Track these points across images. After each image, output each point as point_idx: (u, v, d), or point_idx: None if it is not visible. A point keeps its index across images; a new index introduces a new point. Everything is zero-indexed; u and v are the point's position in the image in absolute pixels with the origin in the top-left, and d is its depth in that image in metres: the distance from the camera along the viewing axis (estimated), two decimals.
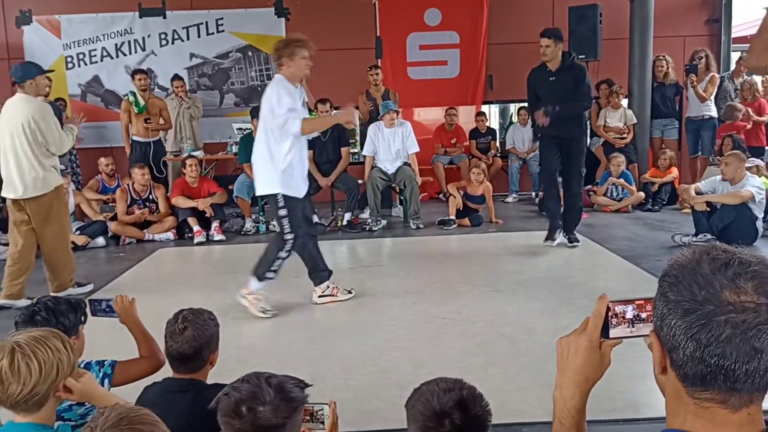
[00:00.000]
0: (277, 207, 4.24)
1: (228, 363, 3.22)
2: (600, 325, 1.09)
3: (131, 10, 8.97)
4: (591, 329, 1.10)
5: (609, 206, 7.66)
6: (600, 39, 8.36)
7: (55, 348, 1.60)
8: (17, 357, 1.53)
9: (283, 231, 4.27)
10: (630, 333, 1.08)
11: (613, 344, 1.11)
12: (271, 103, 4.14)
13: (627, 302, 1.08)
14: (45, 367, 1.55)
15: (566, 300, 4.37)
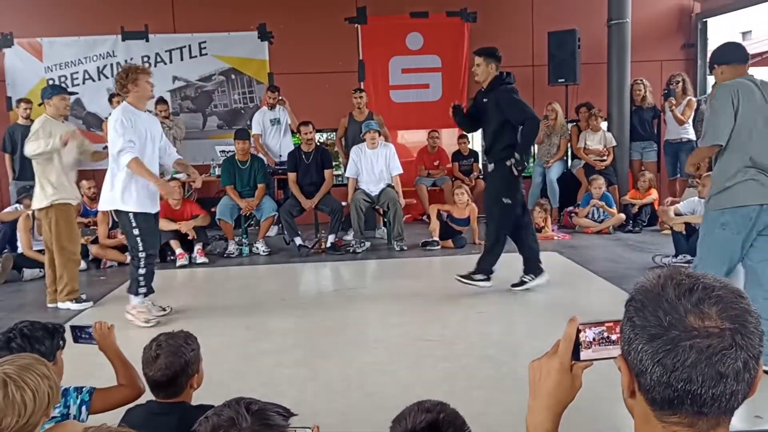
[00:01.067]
0: (129, 225, 4.56)
1: (210, 387, 3.19)
2: (570, 347, 1.10)
3: (114, 33, 8.98)
4: (562, 352, 1.12)
5: (590, 228, 7.74)
6: (579, 63, 8.54)
7: (43, 374, 1.57)
8: (11, 389, 1.50)
9: (137, 248, 4.58)
10: (600, 355, 1.09)
11: (584, 366, 1.12)
12: (115, 128, 4.44)
13: (597, 324, 1.09)
14: (39, 395, 1.53)
15: (549, 321, 4.38)
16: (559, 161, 8.57)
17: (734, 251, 3.39)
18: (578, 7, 9.14)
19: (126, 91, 4.55)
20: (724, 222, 3.38)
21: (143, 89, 4.57)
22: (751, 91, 3.38)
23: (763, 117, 3.34)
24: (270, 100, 8.19)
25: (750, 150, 3.32)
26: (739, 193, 3.33)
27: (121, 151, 4.41)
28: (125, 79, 4.52)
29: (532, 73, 9.39)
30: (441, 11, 9.37)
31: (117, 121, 4.44)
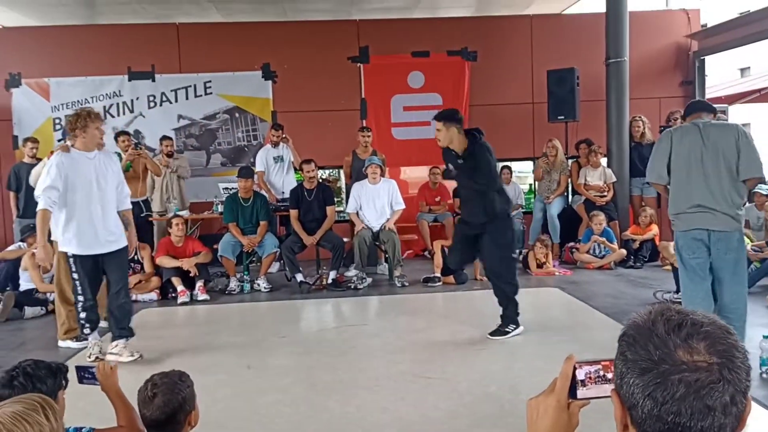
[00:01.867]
0: (69, 268, 4.60)
1: (208, 427, 3.18)
2: (567, 385, 1.12)
3: (121, 74, 9.15)
4: (559, 390, 1.13)
5: (592, 263, 7.74)
6: (578, 100, 8.65)
7: (36, 422, 1.54)
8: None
9: (75, 291, 4.63)
10: (597, 393, 1.10)
11: (581, 404, 1.13)
12: (48, 171, 4.48)
13: (593, 363, 1.11)
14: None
15: (551, 357, 4.34)
16: (559, 197, 8.61)
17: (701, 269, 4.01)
18: (577, 45, 9.30)
19: (74, 134, 4.57)
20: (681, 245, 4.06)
21: (91, 136, 4.57)
22: (687, 133, 3.99)
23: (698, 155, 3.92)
24: (273, 138, 8.30)
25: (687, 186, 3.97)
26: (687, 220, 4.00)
27: (38, 197, 4.45)
28: (74, 124, 4.53)
29: (532, 110, 9.52)
30: (442, 50, 9.54)
31: (51, 165, 4.50)
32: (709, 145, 3.90)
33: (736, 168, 3.88)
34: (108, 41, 9.19)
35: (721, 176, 3.89)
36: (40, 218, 4.42)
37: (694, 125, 4.01)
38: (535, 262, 7.47)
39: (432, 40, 9.51)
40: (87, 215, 4.55)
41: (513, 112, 9.53)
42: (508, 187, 9.04)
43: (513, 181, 9.26)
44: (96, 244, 4.59)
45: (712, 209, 3.92)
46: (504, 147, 9.53)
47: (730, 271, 3.99)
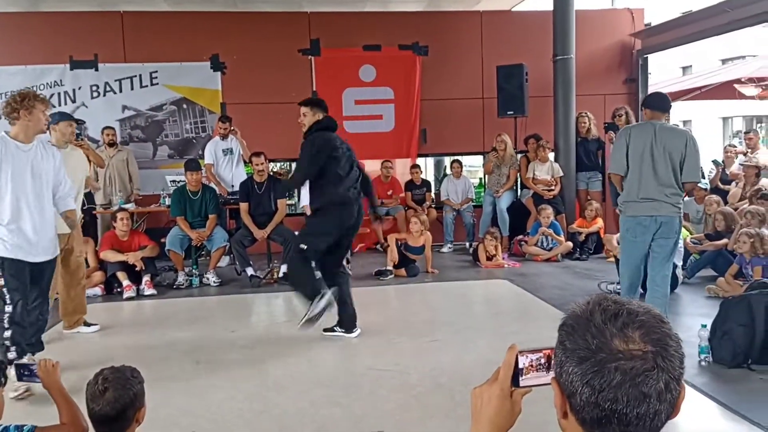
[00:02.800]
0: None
1: (158, 423, 3.12)
2: (510, 374, 1.14)
3: (62, 63, 8.83)
4: (502, 378, 1.15)
5: (540, 255, 7.91)
6: (527, 96, 8.80)
7: None
8: None
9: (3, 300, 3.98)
10: (539, 381, 1.13)
11: (523, 392, 1.16)
12: None
13: (535, 351, 1.13)
14: None
15: (501, 349, 4.35)
16: (508, 191, 8.75)
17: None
18: (526, 42, 9.44)
19: (15, 117, 3.94)
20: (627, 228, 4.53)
21: (36, 120, 3.99)
22: (642, 132, 4.43)
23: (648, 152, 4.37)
24: (221, 131, 8.16)
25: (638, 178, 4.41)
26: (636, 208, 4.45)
27: None
28: (18, 104, 3.93)
29: (482, 105, 9.63)
30: (393, 44, 9.54)
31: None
32: (659, 145, 4.37)
33: (680, 170, 4.39)
34: (49, 29, 8.84)
35: (668, 173, 4.38)
36: None
37: (651, 125, 4.46)
38: (485, 255, 7.59)
39: (383, 34, 9.51)
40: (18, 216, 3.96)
41: (463, 107, 9.63)
42: (458, 181, 9.17)
43: (463, 175, 9.36)
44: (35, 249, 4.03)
45: (658, 200, 4.39)
46: (454, 141, 9.68)
47: (666, 254, 4.48)
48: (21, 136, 3.97)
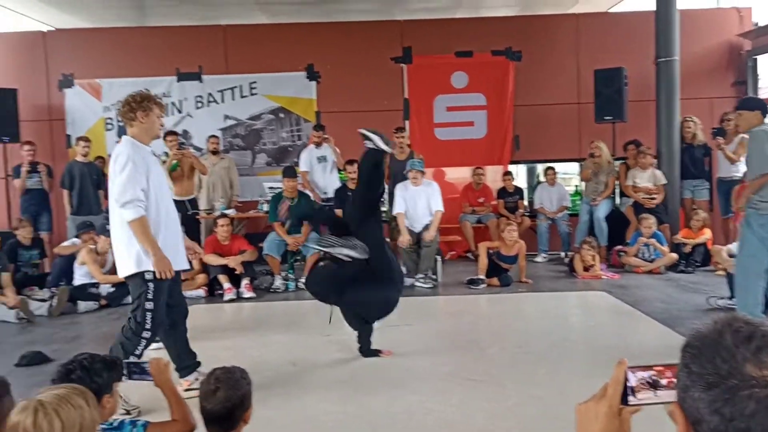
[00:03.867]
0: (145, 294, 3.63)
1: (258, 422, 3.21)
2: (619, 391, 1.08)
3: (170, 75, 9.35)
4: (610, 395, 1.10)
5: (641, 267, 7.57)
6: (626, 101, 8.48)
7: (77, 406, 1.60)
8: (39, 416, 1.54)
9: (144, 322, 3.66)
10: (649, 400, 1.07)
11: (632, 411, 1.10)
12: (123, 169, 3.57)
13: (646, 368, 1.08)
14: (66, 426, 1.56)
15: (599, 363, 4.28)
16: (606, 199, 8.45)
17: None
18: (625, 44, 9.11)
19: (131, 118, 3.70)
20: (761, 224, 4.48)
21: (152, 123, 3.75)
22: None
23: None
24: (316, 139, 8.36)
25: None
26: None
27: (127, 203, 3.54)
28: (137, 105, 3.70)
29: (578, 111, 9.37)
30: (486, 50, 9.46)
31: (126, 159, 3.57)
32: None
33: None
34: (157, 43, 9.40)
35: None
36: (143, 226, 3.57)
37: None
38: (582, 265, 7.35)
39: (476, 40, 9.45)
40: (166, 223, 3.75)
41: (558, 113, 9.40)
42: (552, 189, 8.94)
43: (558, 182, 9.12)
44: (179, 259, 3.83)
45: None
46: (548, 148, 9.47)
47: None
48: (140, 138, 3.75)
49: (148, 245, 3.58)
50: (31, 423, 1.53)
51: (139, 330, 3.64)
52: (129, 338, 3.66)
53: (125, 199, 3.54)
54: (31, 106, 9.09)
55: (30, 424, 1.53)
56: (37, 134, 8.95)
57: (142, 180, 3.59)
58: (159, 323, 3.72)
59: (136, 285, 3.65)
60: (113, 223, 3.72)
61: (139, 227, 3.56)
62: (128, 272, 3.65)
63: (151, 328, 3.66)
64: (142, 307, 3.63)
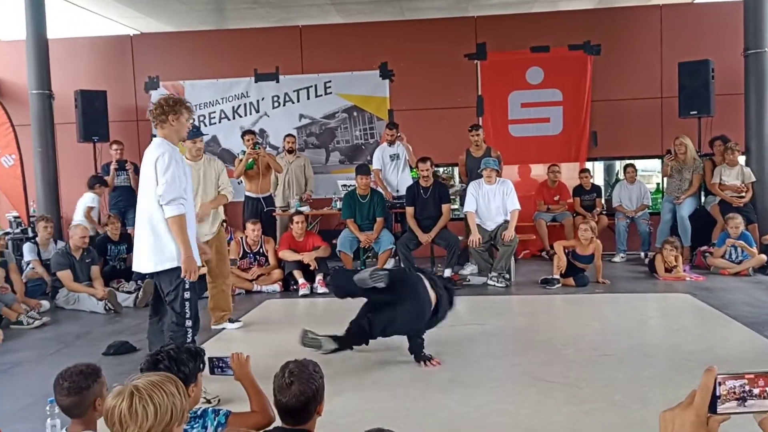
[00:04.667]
0: (182, 286, 3.80)
1: (331, 415, 3.27)
2: (708, 399, 1.04)
3: (248, 76, 9.62)
4: (698, 403, 1.05)
5: (727, 269, 7.21)
6: (712, 94, 8.11)
7: (170, 392, 1.67)
8: (135, 400, 1.61)
9: (184, 311, 3.84)
10: (740, 409, 1.02)
11: (721, 420, 1.05)
12: (165, 168, 3.75)
13: (737, 376, 1.02)
14: (160, 411, 1.62)
15: (682, 368, 4.11)
16: (691, 197, 8.08)
17: None
18: (712, 36, 8.70)
19: (163, 120, 3.86)
20: None
21: (181, 126, 3.92)
22: None
23: None
24: (389, 137, 8.39)
25: None
26: None
27: (172, 201, 3.74)
28: (169, 108, 3.85)
29: (660, 105, 9.02)
30: (563, 44, 9.24)
31: (169, 160, 3.76)
32: None
33: None
34: (236, 45, 9.68)
35: None
36: (181, 223, 3.77)
37: None
38: (663, 266, 7.06)
39: (552, 35, 9.24)
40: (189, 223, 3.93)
41: (639, 107, 9.08)
42: (632, 186, 8.65)
43: (638, 180, 8.80)
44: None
45: None
46: (628, 144, 9.16)
47: None
48: (169, 139, 3.92)
49: (182, 243, 3.77)
50: (127, 407, 1.60)
51: (181, 320, 3.83)
52: (175, 331, 3.83)
53: (171, 197, 3.72)
54: (119, 107, 9.56)
55: (126, 408, 1.60)
56: (125, 134, 9.40)
57: (183, 180, 3.81)
58: (197, 311, 3.91)
59: (172, 277, 3.82)
60: (146, 218, 3.84)
61: (179, 224, 3.75)
62: (166, 266, 3.80)
63: (191, 317, 3.85)
64: (181, 297, 3.81)
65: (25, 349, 5.17)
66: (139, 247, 3.92)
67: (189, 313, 3.84)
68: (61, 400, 2.24)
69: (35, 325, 5.85)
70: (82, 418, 2.22)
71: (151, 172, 3.80)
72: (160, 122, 3.89)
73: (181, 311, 3.82)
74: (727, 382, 1.03)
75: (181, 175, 3.81)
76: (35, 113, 8.28)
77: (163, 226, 3.79)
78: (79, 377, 2.23)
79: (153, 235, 3.82)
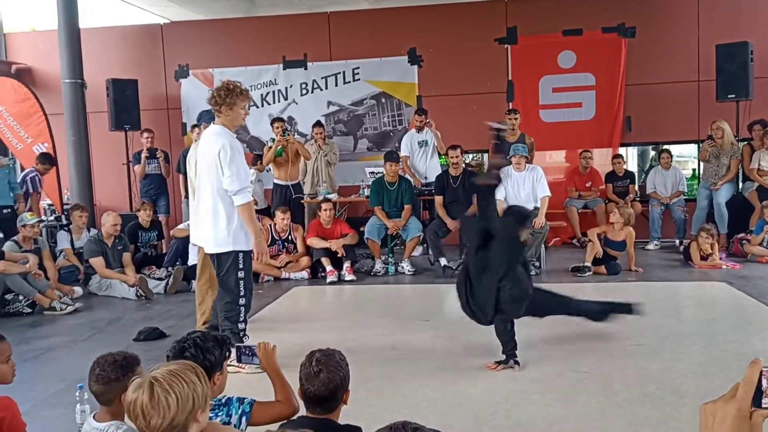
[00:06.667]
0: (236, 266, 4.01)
1: (357, 404, 3.25)
2: (751, 392, 0.98)
3: (276, 63, 9.61)
4: (741, 397, 1.00)
5: (765, 257, 7.00)
6: (751, 77, 7.87)
7: (190, 381, 1.65)
8: (156, 391, 1.60)
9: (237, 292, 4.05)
10: None
11: (765, 415, 0.99)
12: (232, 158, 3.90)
13: None
14: (182, 399, 1.61)
15: (718, 359, 4.00)
16: (728, 183, 7.86)
17: None
18: (750, 17, 8.42)
19: (218, 110, 4.03)
20: None
21: (237, 114, 4.06)
22: None
23: None
24: (417, 123, 8.32)
25: None
26: None
27: (240, 191, 3.94)
28: (222, 100, 4.00)
29: (697, 88, 8.77)
30: (596, 27, 9.02)
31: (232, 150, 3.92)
32: None
33: None
34: (265, 32, 9.67)
35: None
36: (251, 210, 4.03)
37: None
38: (698, 254, 6.88)
39: (585, 17, 9.03)
40: None
41: (675, 91, 8.83)
42: (667, 172, 8.44)
43: (673, 166, 8.58)
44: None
45: None
46: (663, 129, 8.93)
47: None
48: (227, 127, 4.07)
49: (252, 229, 4.03)
50: (149, 398, 1.60)
51: (235, 298, 4.05)
52: (229, 310, 4.07)
53: (239, 186, 3.92)
54: (150, 96, 9.64)
55: (147, 400, 1.60)
56: (156, 122, 9.49)
57: (247, 168, 4.02)
58: (250, 288, 4.12)
59: (228, 257, 4.02)
60: (209, 204, 4.02)
61: (248, 212, 3.99)
62: (224, 249, 4.03)
63: (245, 294, 4.06)
64: (235, 276, 4.03)
65: (58, 335, 5.27)
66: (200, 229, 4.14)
67: (243, 291, 4.05)
68: (91, 385, 2.26)
69: (68, 311, 5.95)
70: (109, 406, 2.23)
71: (214, 162, 3.96)
72: (216, 111, 4.06)
73: (235, 289, 4.04)
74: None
75: (243, 163, 4.00)
76: (68, 102, 8.39)
77: (223, 211, 3.98)
78: (111, 367, 2.23)
79: (213, 218, 4.01)
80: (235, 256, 4.02)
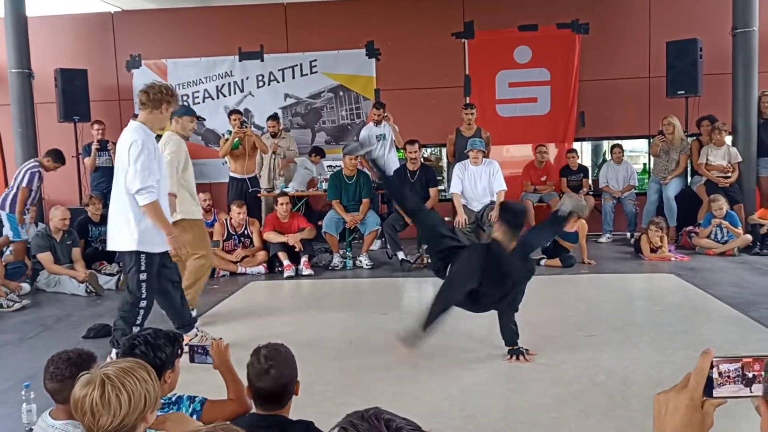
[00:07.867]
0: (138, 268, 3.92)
1: (314, 398, 3.24)
2: (702, 382, 1.01)
3: (232, 54, 9.46)
4: (693, 387, 1.02)
5: (713, 249, 7.24)
6: (701, 74, 8.08)
7: (142, 379, 1.61)
8: (107, 389, 1.55)
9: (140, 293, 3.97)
10: (735, 393, 0.99)
11: (716, 404, 1.02)
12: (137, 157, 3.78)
13: (733, 360, 0.99)
14: (134, 398, 1.57)
15: (666, 349, 4.12)
16: (677, 178, 8.09)
17: None
18: (700, 15, 8.64)
19: (156, 106, 3.93)
20: None
21: (165, 118, 4.06)
22: None
23: None
24: (375, 117, 8.30)
25: None
26: None
27: (141, 190, 3.78)
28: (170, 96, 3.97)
29: (648, 85, 8.98)
30: (551, 23, 9.14)
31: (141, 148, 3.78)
32: None
33: None
34: (220, 23, 9.50)
35: None
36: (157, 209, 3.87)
37: None
38: (648, 246, 7.07)
39: (541, 13, 9.14)
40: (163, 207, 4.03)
41: (627, 87, 9.03)
42: (619, 167, 8.63)
43: (625, 160, 8.78)
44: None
45: None
46: (615, 124, 9.12)
47: None
48: (149, 125, 3.96)
49: (163, 226, 3.91)
50: (99, 396, 1.55)
51: (136, 300, 3.97)
52: (128, 310, 4.00)
53: (139, 186, 3.77)
54: (101, 87, 9.38)
55: (98, 397, 1.54)
56: (107, 114, 9.22)
57: (155, 169, 3.84)
58: (152, 291, 4.02)
59: (131, 258, 3.93)
60: (117, 201, 3.93)
61: (154, 211, 3.84)
62: (127, 248, 3.93)
63: (147, 297, 3.99)
64: (137, 277, 3.94)
65: (4, 333, 5.09)
66: (110, 226, 4.02)
67: (144, 294, 3.97)
68: (46, 383, 2.19)
69: (15, 308, 5.77)
70: (65, 404, 2.16)
71: (125, 157, 3.85)
72: (152, 106, 3.91)
73: (136, 290, 3.96)
74: (723, 366, 1.00)
75: (152, 165, 3.83)
76: (15, 93, 8.12)
77: (130, 210, 3.87)
78: (66, 365, 2.17)
79: (121, 216, 3.91)
80: (137, 256, 3.91)
